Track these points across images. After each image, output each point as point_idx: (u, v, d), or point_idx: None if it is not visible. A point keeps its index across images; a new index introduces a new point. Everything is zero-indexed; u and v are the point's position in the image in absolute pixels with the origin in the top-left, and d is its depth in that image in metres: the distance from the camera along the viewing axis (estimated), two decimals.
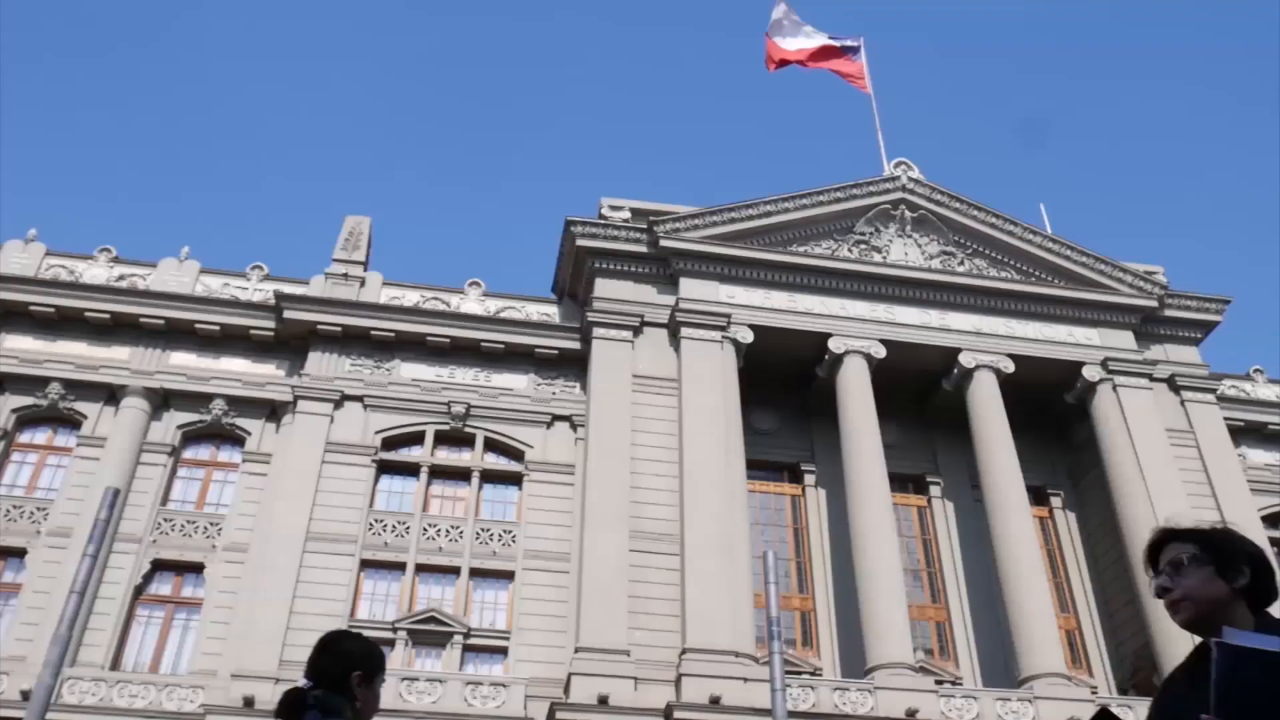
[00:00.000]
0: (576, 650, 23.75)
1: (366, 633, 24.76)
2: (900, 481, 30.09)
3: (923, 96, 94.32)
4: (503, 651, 25.46)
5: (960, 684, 26.83)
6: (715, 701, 22.60)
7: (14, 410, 27.37)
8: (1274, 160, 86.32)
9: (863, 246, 31.32)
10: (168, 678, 24.09)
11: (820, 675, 26.29)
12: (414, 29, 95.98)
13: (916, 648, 26.75)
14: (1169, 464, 29.26)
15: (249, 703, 22.69)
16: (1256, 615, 2.77)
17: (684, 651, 23.54)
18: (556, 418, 28.80)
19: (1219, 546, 2.83)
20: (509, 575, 26.50)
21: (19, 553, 25.54)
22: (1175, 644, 26.16)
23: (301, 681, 3.61)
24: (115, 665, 24.33)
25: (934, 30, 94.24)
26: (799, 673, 25.78)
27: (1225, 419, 31.58)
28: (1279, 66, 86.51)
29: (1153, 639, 26.79)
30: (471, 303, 30.59)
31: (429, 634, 25.21)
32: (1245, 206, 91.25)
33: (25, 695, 21.47)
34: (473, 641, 25.37)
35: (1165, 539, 2.93)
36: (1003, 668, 27.10)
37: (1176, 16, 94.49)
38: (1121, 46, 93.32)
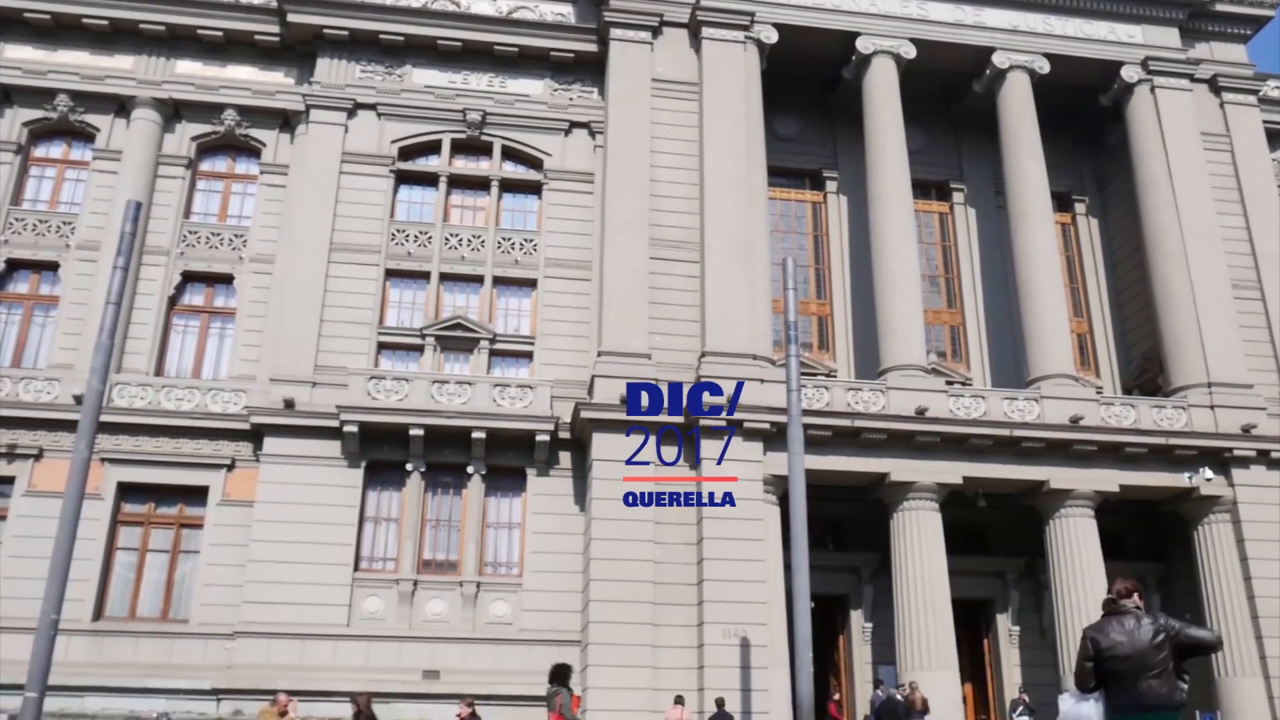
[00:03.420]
0: (599, 354, 24.54)
1: (395, 339, 25.73)
2: (923, 188, 29.75)
3: None
4: (528, 356, 26.37)
5: (970, 384, 27.79)
6: None
7: (25, 124, 27.02)
8: None
9: None
10: (210, 382, 25.23)
11: (835, 376, 27.23)
12: None
13: (930, 350, 27.51)
14: (1199, 169, 28.67)
15: (289, 404, 23.92)
16: None
17: (703, 355, 24.30)
18: (574, 125, 28.18)
19: None
20: (531, 283, 26.97)
21: (52, 266, 26.09)
22: (1182, 347, 26.79)
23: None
24: (158, 372, 25.44)
25: None
26: (814, 374, 26.71)
27: (1264, 122, 30.61)
28: None
29: (1161, 341, 27.40)
30: (482, 2, 29.14)
31: (456, 339, 26.04)
32: None
33: (77, 399, 22.67)
34: (499, 347, 26.23)
35: None
36: (1013, 370, 27.95)
37: None
38: None
